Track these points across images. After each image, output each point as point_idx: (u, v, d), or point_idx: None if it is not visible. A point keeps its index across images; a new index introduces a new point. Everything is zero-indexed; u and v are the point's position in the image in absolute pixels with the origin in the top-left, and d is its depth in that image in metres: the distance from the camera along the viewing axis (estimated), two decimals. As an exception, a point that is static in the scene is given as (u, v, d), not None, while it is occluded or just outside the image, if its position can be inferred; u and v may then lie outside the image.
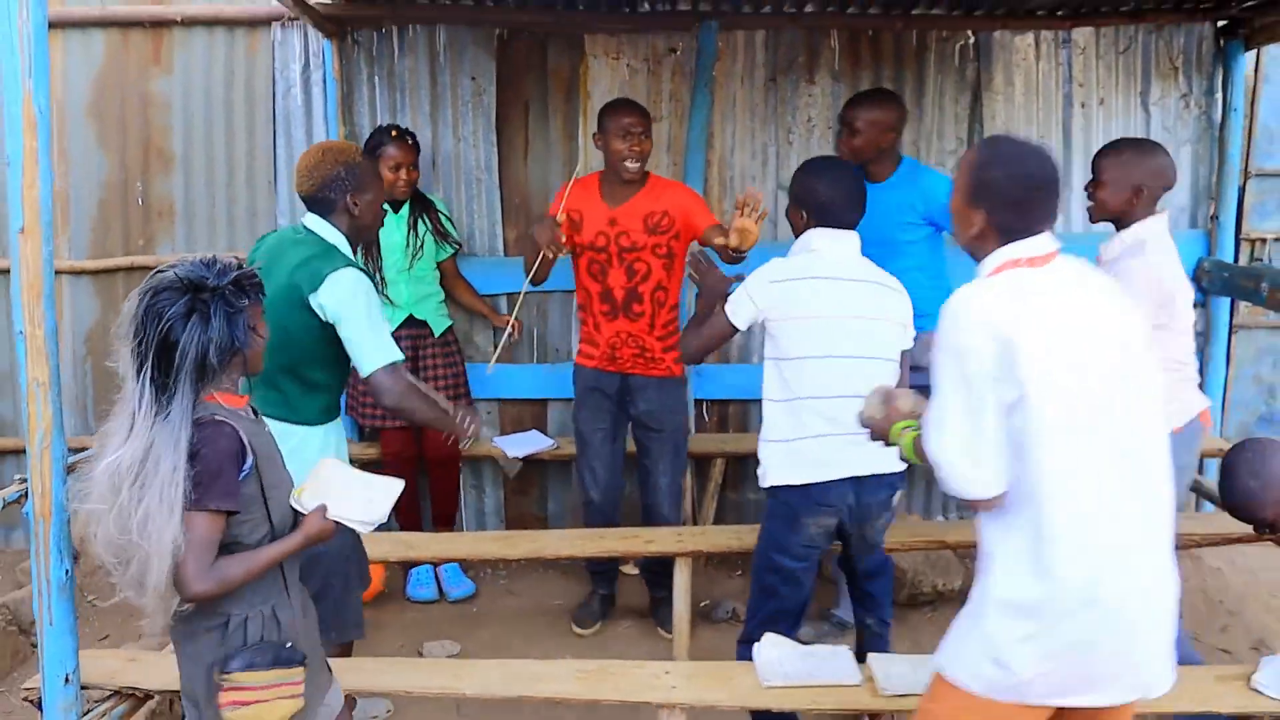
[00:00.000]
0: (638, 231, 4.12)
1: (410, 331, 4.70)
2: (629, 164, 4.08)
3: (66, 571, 2.82)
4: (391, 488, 2.59)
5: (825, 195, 3.32)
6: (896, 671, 3.00)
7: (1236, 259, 5.32)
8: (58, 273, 4.99)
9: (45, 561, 2.78)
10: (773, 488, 3.32)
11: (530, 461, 4.98)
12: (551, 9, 5.00)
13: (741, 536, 4.08)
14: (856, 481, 3.22)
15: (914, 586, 4.76)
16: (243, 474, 2.31)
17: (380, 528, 2.64)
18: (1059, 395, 2.13)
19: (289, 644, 2.40)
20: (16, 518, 5.21)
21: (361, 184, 3.13)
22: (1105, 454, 2.16)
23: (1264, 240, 5.40)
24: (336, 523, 2.45)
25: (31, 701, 3.03)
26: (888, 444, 2.53)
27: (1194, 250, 5.31)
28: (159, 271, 2.31)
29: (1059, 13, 5.10)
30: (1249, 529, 4.26)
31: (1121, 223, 3.46)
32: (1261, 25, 4.98)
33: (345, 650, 3.28)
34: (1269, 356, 5.52)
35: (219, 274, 2.29)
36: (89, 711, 2.95)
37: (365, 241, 3.52)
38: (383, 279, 4.51)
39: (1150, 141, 3.68)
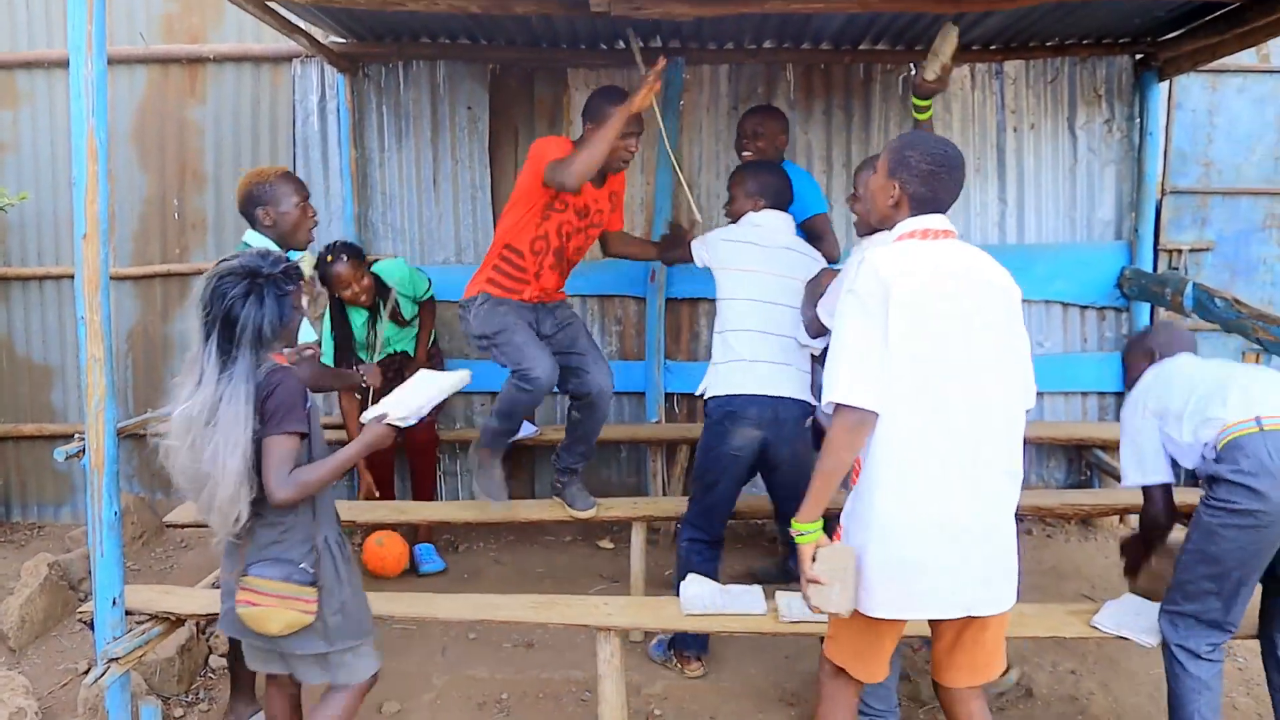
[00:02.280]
0: (605, 211, 4.57)
1: (396, 357, 5.27)
2: (626, 157, 4.40)
3: (115, 513, 3.47)
4: (442, 381, 3.27)
5: (770, 185, 4.26)
6: (797, 604, 3.60)
7: (1155, 268, 5.88)
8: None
9: (98, 504, 3.44)
10: (706, 399, 4.20)
11: (519, 446, 5.60)
12: (538, 47, 5.68)
13: (668, 507, 4.73)
14: (774, 401, 4.01)
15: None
16: (306, 408, 2.91)
17: None
18: (912, 337, 2.60)
19: (303, 565, 2.93)
20: (66, 495, 5.95)
21: (272, 199, 3.78)
22: (949, 396, 2.63)
23: (1180, 251, 5.96)
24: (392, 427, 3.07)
25: (85, 622, 3.68)
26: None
27: (1118, 260, 5.90)
28: (224, 260, 2.92)
29: (991, 47, 5.70)
30: (1137, 501, 4.88)
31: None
32: (1170, 58, 5.56)
33: None
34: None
35: (272, 264, 2.90)
36: (131, 630, 3.59)
37: (296, 246, 3.92)
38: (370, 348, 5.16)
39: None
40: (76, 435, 3.57)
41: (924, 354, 2.63)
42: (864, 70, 5.84)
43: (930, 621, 2.83)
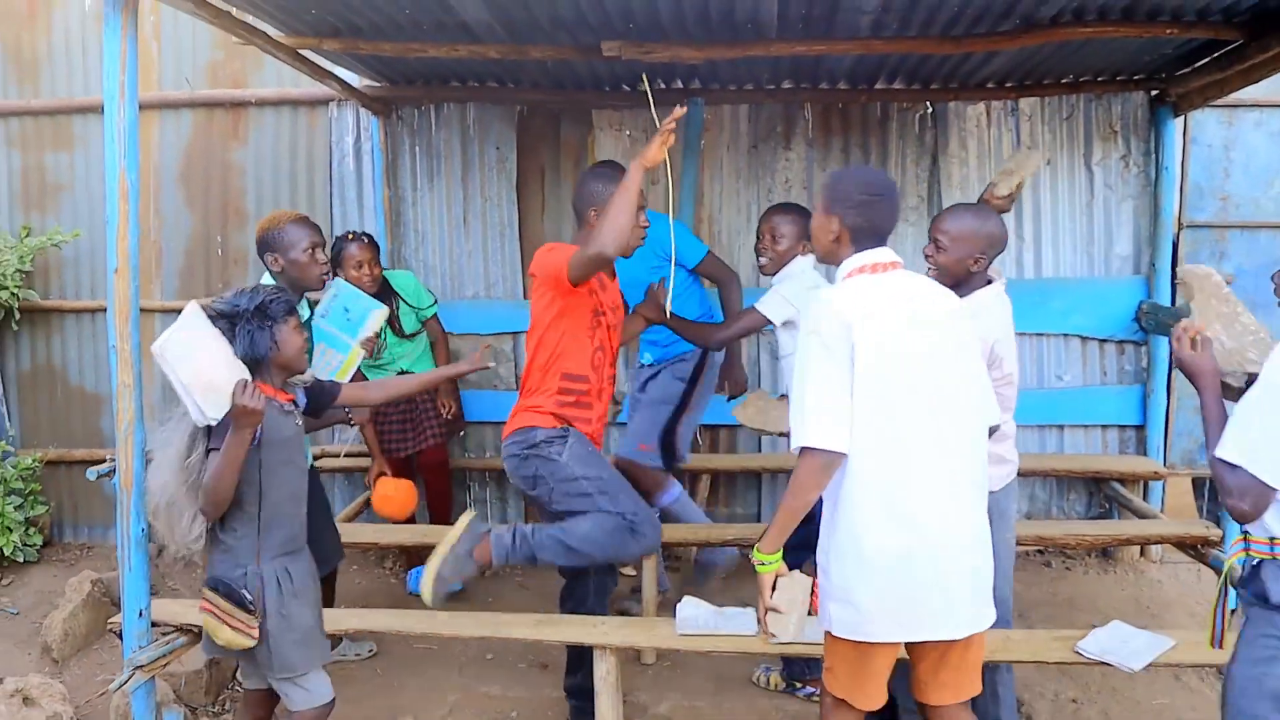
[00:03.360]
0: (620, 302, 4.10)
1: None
2: (642, 234, 3.83)
3: (142, 529, 3.69)
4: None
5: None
6: (813, 629, 3.70)
7: (1173, 302, 5.94)
8: (151, 311, 6.05)
9: (126, 521, 3.67)
10: None
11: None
12: (563, 89, 5.90)
13: (696, 531, 4.87)
14: None
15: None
16: (252, 444, 3.06)
17: None
18: (879, 374, 2.69)
19: (244, 590, 3.09)
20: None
21: (280, 245, 3.95)
22: (919, 425, 2.74)
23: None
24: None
25: (115, 632, 3.91)
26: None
27: (1135, 294, 5.96)
28: (211, 301, 3.19)
29: (1007, 84, 5.83)
30: (1135, 532, 4.93)
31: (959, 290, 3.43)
32: (1183, 94, 5.64)
33: (330, 582, 4.14)
34: (1208, 389, 6.08)
35: (247, 302, 3.13)
36: (156, 640, 3.81)
37: (302, 291, 4.06)
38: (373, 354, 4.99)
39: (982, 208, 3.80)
40: (109, 457, 3.81)
41: (891, 389, 2.72)
42: (880, 109, 6.00)
43: (909, 644, 2.90)
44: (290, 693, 3.25)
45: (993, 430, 3.02)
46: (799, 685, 4.46)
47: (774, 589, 2.80)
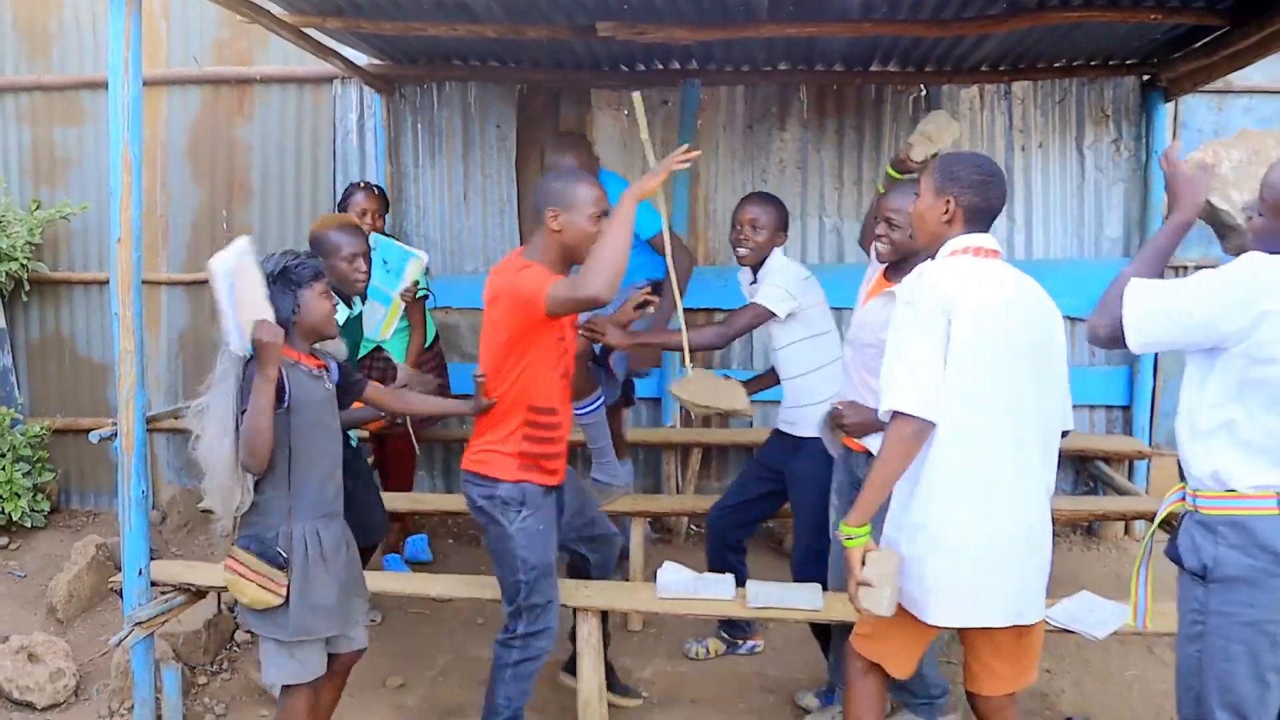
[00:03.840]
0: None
1: (377, 361, 5.08)
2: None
3: (143, 491, 3.84)
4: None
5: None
6: (764, 592, 3.84)
7: (1161, 283, 6.02)
8: (157, 283, 6.20)
9: (128, 482, 3.81)
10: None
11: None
12: (563, 69, 6.01)
13: (684, 502, 5.00)
14: None
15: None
16: (280, 405, 3.08)
17: None
18: (973, 354, 2.66)
19: (279, 550, 3.12)
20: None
21: (322, 250, 3.95)
22: (1006, 415, 2.70)
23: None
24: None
25: (115, 591, 4.05)
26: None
27: (1125, 276, 6.04)
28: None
29: (1000, 68, 5.91)
30: (1112, 508, 5.05)
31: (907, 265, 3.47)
32: (1175, 78, 5.71)
33: (366, 553, 4.20)
34: (1194, 371, 6.17)
35: (273, 265, 3.16)
36: (155, 599, 3.95)
37: (348, 295, 4.13)
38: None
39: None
40: (111, 422, 3.94)
41: (983, 373, 2.70)
42: (875, 91, 6.08)
43: (964, 632, 2.89)
44: (282, 663, 3.24)
45: (1064, 434, 2.98)
46: (740, 643, 4.63)
47: (864, 564, 2.74)
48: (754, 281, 4.23)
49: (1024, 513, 2.77)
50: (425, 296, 5.21)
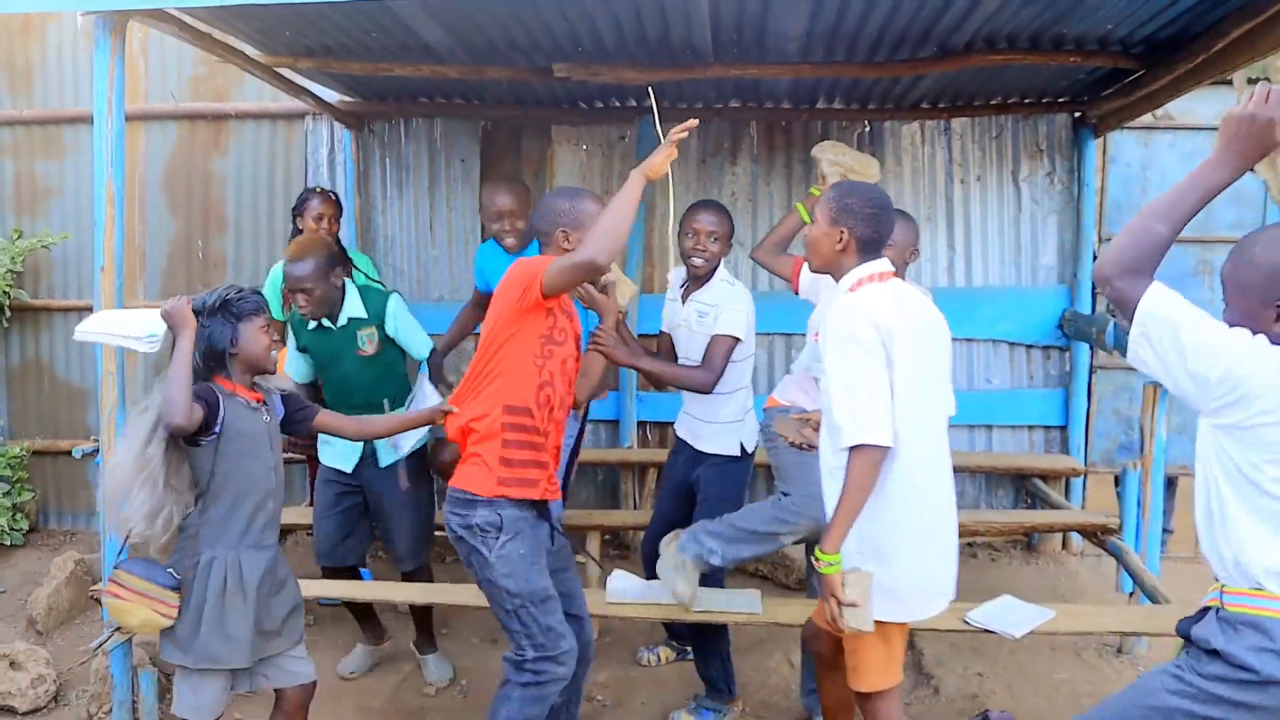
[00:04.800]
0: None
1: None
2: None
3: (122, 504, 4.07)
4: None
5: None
6: (709, 597, 4.11)
7: (1094, 310, 6.34)
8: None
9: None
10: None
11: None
12: (524, 106, 6.31)
13: (638, 517, 5.28)
14: None
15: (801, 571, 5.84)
16: (210, 433, 3.19)
17: None
18: (908, 376, 2.96)
19: (169, 569, 3.19)
20: (95, 505, 6.59)
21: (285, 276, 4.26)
22: (930, 419, 3.06)
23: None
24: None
25: (95, 599, 4.30)
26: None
27: (1059, 303, 6.38)
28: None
29: (939, 105, 6.25)
30: (1040, 520, 5.33)
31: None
32: (1102, 115, 6.05)
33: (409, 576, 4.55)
34: (1125, 393, 6.49)
35: (214, 298, 3.30)
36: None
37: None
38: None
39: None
40: (93, 439, 4.18)
41: (915, 389, 3.00)
42: (821, 126, 6.40)
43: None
44: (182, 694, 3.32)
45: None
46: (688, 649, 4.73)
47: (845, 586, 2.97)
48: (684, 285, 4.33)
49: (951, 504, 3.17)
50: None
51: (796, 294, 4.29)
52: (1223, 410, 2.31)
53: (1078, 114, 6.29)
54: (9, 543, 6.20)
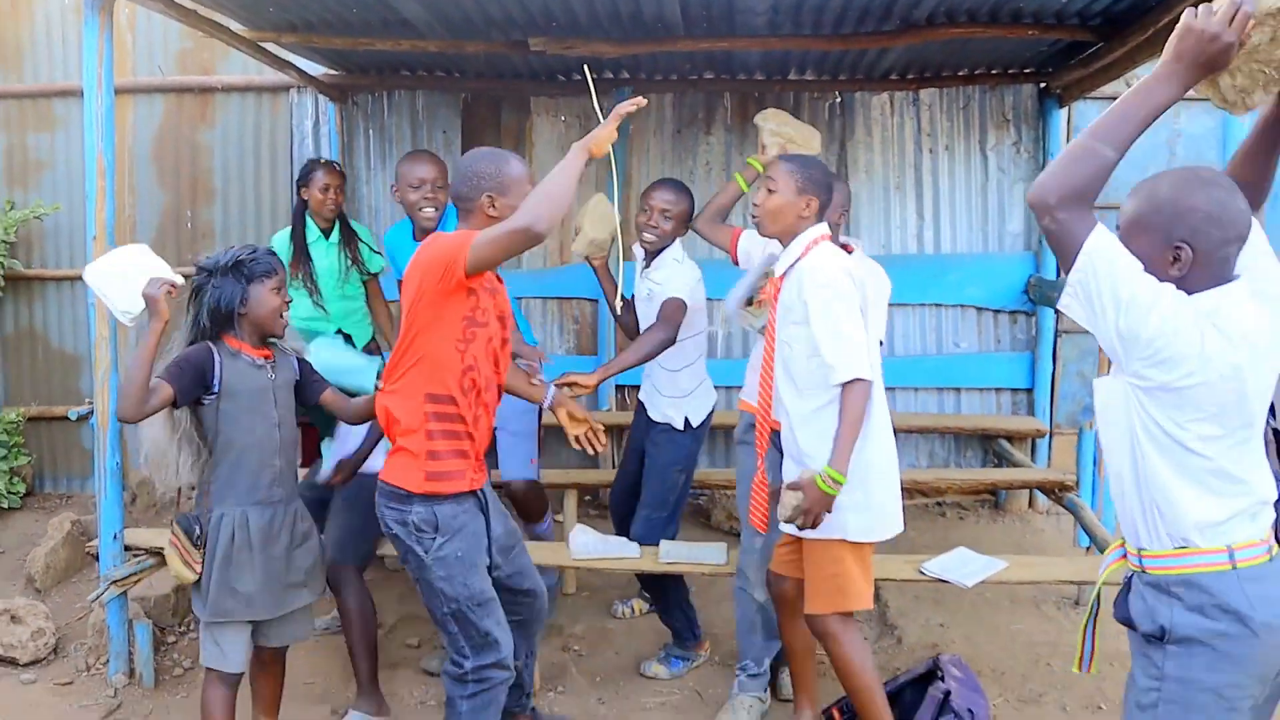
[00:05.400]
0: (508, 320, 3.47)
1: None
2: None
3: (116, 462, 4.27)
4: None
5: None
6: (674, 550, 4.32)
7: (1058, 276, 6.53)
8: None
9: (103, 455, 4.24)
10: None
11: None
12: (504, 79, 6.47)
13: (602, 478, 5.49)
14: None
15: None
16: (210, 392, 3.29)
17: None
18: (872, 318, 3.52)
19: (197, 527, 3.32)
20: (90, 469, 6.77)
21: None
22: (877, 357, 3.50)
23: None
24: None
25: (92, 555, 4.48)
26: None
27: (1025, 269, 6.57)
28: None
29: (908, 76, 6.41)
30: (1000, 478, 5.53)
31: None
32: (1066, 86, 6.22)
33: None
34: (1090, 357, 6.70)
35: (227, 257, 3.34)
36: (128, 561, 4.38)
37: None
38: (319, 294, 5.05)
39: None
40: (87, 400, 4.37)
41: (874, 330, 3.56)
42: (794, 97, 6.56)
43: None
44: (206, 645, 3.45)
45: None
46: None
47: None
48: (646, 268, 4.42)
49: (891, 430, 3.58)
50: (378, 274, 5.35)
51: (735, 264, 4.39)
52: (1149, 369, 2.16)
53: (1043, 85, 6.46)
54: (6, 505, 6.38)
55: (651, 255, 4.38)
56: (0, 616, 4.67)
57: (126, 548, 4.39)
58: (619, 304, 4.36)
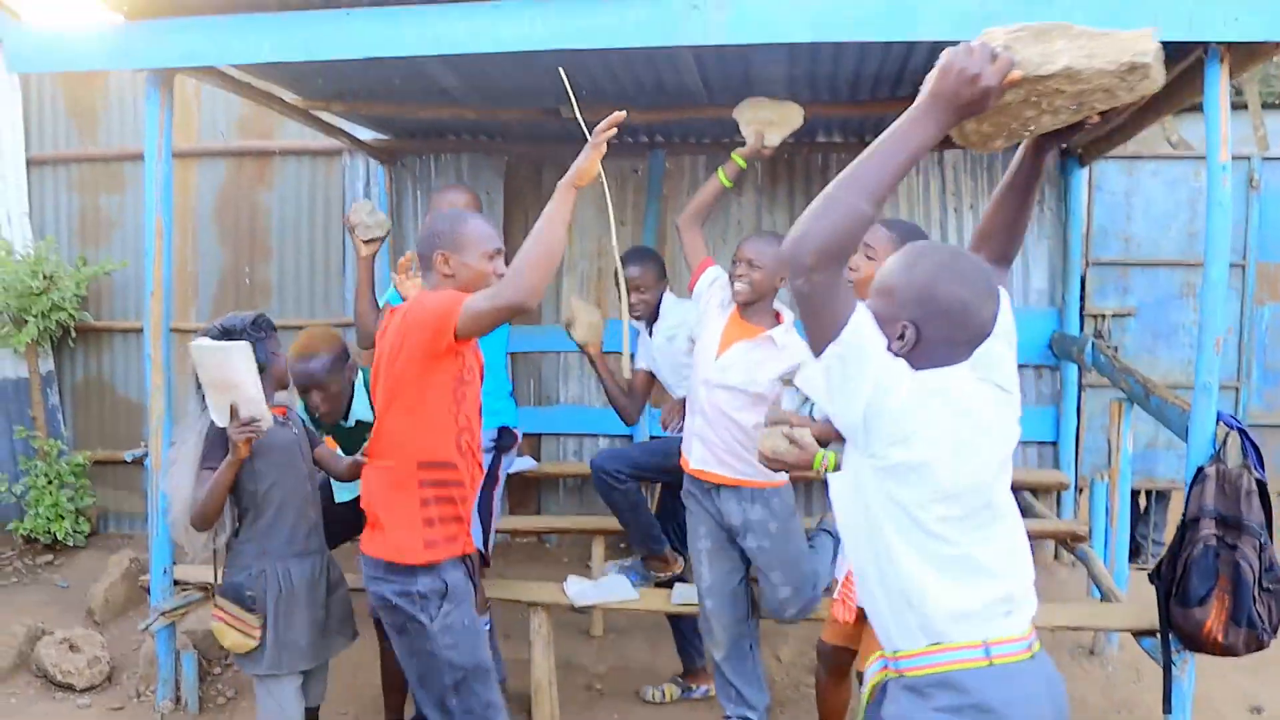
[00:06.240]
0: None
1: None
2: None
3: (167, 501, 4.57)
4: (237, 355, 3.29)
5: None
6: (683, 592, 4.52)
7: (1081, 331, 6.68)
8: (188, 331, 6.94)
9: (155, 494, 4.56)
10: None
11: (525, 478, 6.63)
12: (544, 142, 6.80)
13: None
14: None
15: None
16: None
17: None
18: None
19: (249, 591, 3.36)
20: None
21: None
22: None
23: (1104, 316, 6.76)
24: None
25: (144, 588, 4.79)
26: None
27: (1049, 324, 6.72)
28: (213, 323, 3.56)
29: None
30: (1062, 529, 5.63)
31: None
32: (1086, 146, 6.39)
33: None
34: (1114, 409, 6.82)
35: (240, 321, 3.51)
36: (178, 594, 4.68)
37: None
38: None
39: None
40: (143, 444, 4.70)
41: None
42: (821, 158, 6.82)
43: None
44: (264, 704, 3.49)
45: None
46: (692, 688, 4.99)
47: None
48: (654, 322, 4.64)
49: None
50: None
51: (689, 291, 4.29)
52: (889, 448, 2.04)
53: (1064, 145, 6.62)
54: (72, 544, 6.76)
55: (650, 321, 4.64)
56: (60, 645, 5.01)
57: (175, 582, 4.69)
58: (629, 373, 4.29)
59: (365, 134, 6.66)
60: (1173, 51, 4.28)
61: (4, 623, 5.41)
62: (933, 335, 2.09)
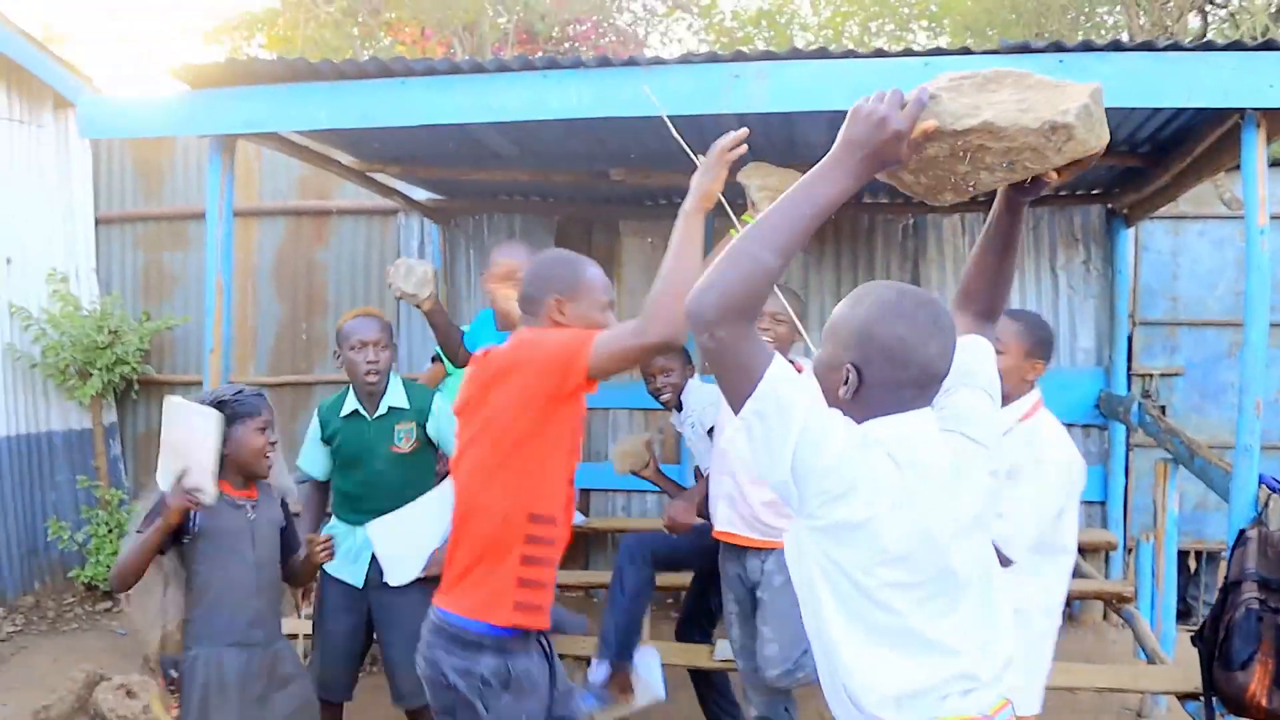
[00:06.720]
0: None
1: None
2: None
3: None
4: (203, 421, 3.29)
5: None
6: (724, 649, 4.52)
7: (1129, 391, 6.66)
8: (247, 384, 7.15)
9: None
10: None
11: (574, 532, 6.66)
12: (594, 203, 6.95)
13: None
14: None
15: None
16: (187, 534, 3.25)
17: None
18: None
19: (173, 676, 3.23)
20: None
21: (339, 340, 4.18)
22: None
23: (1151, 375, 6.75)
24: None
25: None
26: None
27: (1096, 383, 6.72)
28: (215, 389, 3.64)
29: (978, 199, 6.63)
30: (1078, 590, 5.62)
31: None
32: (1131, 206, 6.42)
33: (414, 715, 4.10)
34: (1163, 469, 6.77)
35: (210, 397, 3.39)
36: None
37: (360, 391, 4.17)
38: None
39: None
40: (199, 495, 4.83)
41: None
42: (868, 219, 6.91)
43: None
44: None
45: None
46: None
47: None
48: (681, 409, 4.59)
49: None
50: None
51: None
52: (825, 506, 1.86)
53: (1110, 205, 6.67)
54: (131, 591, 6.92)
55: (678, 407, 4.60)
56: (118, 691, 5.13)
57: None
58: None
59: (420, 194, 6.84)
60: (1210, 117, 4.38)
61: (65, 668, 5.55)
62: (874, 377, 1.96)
